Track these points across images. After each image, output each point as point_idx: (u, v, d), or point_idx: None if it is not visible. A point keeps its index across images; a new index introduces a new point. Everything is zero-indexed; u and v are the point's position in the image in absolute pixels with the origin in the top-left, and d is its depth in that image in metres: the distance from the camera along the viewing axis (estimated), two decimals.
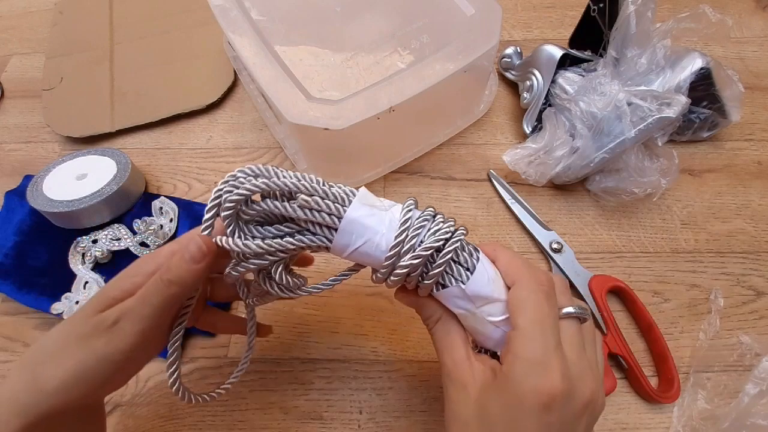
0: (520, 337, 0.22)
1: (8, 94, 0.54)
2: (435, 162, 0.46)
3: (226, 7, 0.41)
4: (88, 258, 0.40)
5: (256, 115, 0.50)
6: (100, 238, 0.41)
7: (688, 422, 0.33)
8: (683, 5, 0.52)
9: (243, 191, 0.22)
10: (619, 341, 0.35)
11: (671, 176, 0.38)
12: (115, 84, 0.52)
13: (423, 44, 0.47)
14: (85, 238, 0.41)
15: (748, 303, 0.38)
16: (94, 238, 0.41)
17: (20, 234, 0.42)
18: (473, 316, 0.24)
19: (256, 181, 0.23)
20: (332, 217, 0.23)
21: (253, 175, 0.23)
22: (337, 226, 0.23)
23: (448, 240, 0.24)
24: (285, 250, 0.24)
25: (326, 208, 0.23)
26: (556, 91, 0.42)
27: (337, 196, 0.24)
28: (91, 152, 0.45)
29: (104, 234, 0.41)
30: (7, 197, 0.44)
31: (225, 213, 0.22)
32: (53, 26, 0.59)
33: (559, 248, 0.40)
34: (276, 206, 0.23)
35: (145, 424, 0.35)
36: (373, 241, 0.23)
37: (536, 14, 0.56)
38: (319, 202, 0.23)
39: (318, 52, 0.47)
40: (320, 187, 0.23)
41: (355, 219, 0.23)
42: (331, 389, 0.36)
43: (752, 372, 0.33)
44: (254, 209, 0.23)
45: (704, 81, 0.40)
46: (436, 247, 0.23)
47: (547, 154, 0.40)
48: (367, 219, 0.23)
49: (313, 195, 0.23)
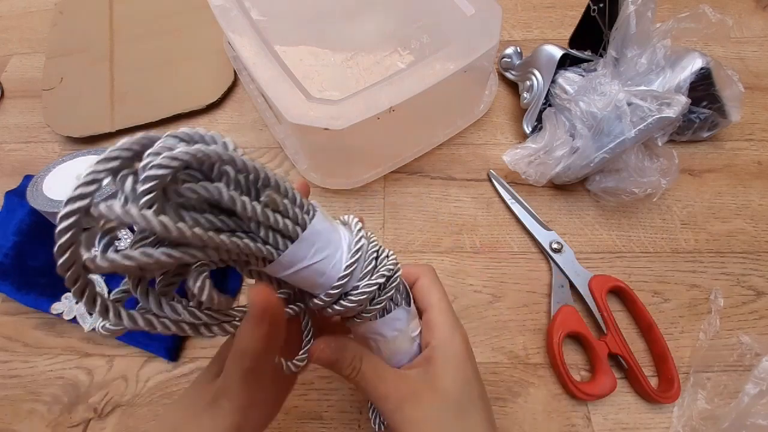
0: (440, 310, 0.26)
1: (8, 94, 0.54)
2: (435, 162, 0.46)
3: (226, 7, 0.41)
4: None
5: (256, 115, 0.50)
6: None
7: (688, 422, 0.33)
8: (683, 5, 0.52)
9: (178, 158, 0.15)
10: (619, 341, 0.35)
11: (671, 176, 0.38)
12: (115, 84, 0.52)
13: (423, 44, 0.47)
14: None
15: (748, 303, 0.38)
16: None
17: (20, 234, 0.42)
18: (401, 335, 0.25)
19: (202, 147, 0.16)
20: (296, 226, 0.19)
21: (187, 140, 0.17)
22: (297, 236, 0.20)
23: (396, 266, 0.24)
24: (225, 251, 0.18)
25: (293, 214, 0.19)
26: (556, 91, 0.42)
27: (303, 203, 0.20)
28: (91, 152, 0.45)
29: None
30: (7, 197, 0.44)
31: (148, 185, 0.15)
32: (53, 26, 0.59)
33: (559, 248, 0.40)
34: (230, 197, 0.17)
35: (145, 424, 0.35)
36: (332, 257, 0.21)
37: (536, 14, 0.56)
38: (287, 206, 0.19)
39: (318, 52, 0.47)
40: (286, 185, 0.19)
41: (321, 231, 0.20)
42: (331, 389, 0.36)
43: (752, 372, 0.33)
44: (194, 191, 0.17)
45: (704, 81, 0.40)
46: (390, 274, 0.23)
47: (547, 154, 0.40)
48: (332, 233, 0.21)
49: (282, 195, 0.19)
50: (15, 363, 0.38)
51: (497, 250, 0.41)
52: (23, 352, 0.39)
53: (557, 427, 0.34)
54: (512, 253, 0.41)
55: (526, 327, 0.38)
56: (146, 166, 0.15)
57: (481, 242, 0.41)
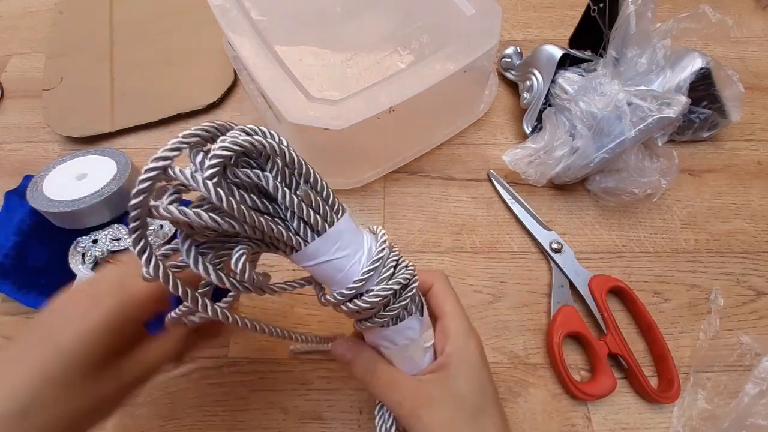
0: (454, 317, 0.26)
1: (8, 94, 0.54)
2: (435, 162, 0.46)
3: (226, 7, 0.41)
4: (88, 258, 0.40)
5: (256, 115, 0.50)
6: (100, 238, 0.41)
7: (688, 422, 0.33)
8: (683, 5, 0.52)
9: (240, 144, 0.19)
10: (619, 341, 0.35)
11: (671, 176, 0.38)
12: (115, 84, 0.52)
13: (423, 44, 0.47)
14: (85, 238, 0.41)
15: (748, 303, 0.38)
16: (94, 238, 0.41)
17: (20, 234, 0.42)
18: (413, 344, 0.25)
19: (261, 139, 0.20)
20: (324, 223, 0.22)
21: (251, 133, 0.20)
22: (325, 231, 0.22)
23: (414, 276, 0.24)
24: (261, 231, 0.21)
25: (323, 211, 0.22)
26: (556, 91, 0.42)
27: (335, 203, 0.23)
28: (91, 152, 0.45)
29: (104, 234, 0.41)
30: (7, 197, 0.44)
31: (214, 161, 0.18)
32: (53, 26, 0.59)
33: (559, 248, 0.40)
34: (274, 186, 0.20)
35: (145, 424, 0.35)
36: (351, 258, 0.23)
37: (536, 14, 0.56)
38: (319, 203, 0.22)
39: (318, 52, 0.47)
40: (324, 183, 0.22)
41: (345, 230, 0.22)
42: (331, 389, 0.36)
43: (752, 372, 0.33)
44: (247, 176, 0.20)
45: (704, 81, 0.40)
46: (407, 282, 0.24)
47: (547, 154, 0.40)
48: (354, 235, 0.23)
49: (317, 192, 0.22)
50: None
51: (497, 250, 0.41)
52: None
53: (557, 427, 0.34)
54: (512, 253, 0.41)
55: (526, 327, 0.38)
56: (214, 147, 0.19)
57: (481, 242, 0.41)
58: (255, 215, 0.20)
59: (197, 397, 0.36)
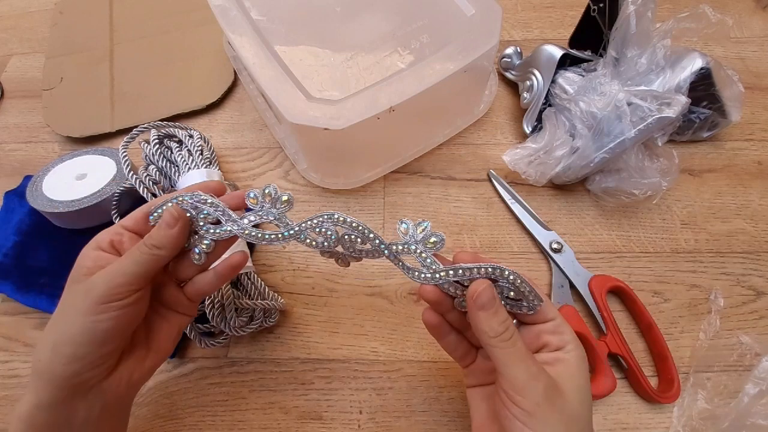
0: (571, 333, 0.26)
1: (8, 94, 0.54)
2: (435, 162, 0.46)
3: (226, 7, 0.41)
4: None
5: (256, 115, 0.50)
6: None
7: (688, 422, 0.33)
8: (683, 5, 0.52)
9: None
10: (619, 341, 0.35)
11: (671, 176, 0.38)
12: (115, 84, 0.52)
13: (423, 44, 0.47)
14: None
15: (748, 303, 0.38)
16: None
17: (20, 234, 0.42)
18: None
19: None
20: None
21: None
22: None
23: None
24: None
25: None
26: (556, 91, 0.42)
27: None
28: (91, 152, 0.45)
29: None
30: (7, 197, 0.44)
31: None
32: (53, 26, 0.59)
33: (559, 248, 0.40)
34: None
35: (145, 424, 0.35)
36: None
37: (536, 14, 0.56)
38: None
39: (318, 52, 0.47)
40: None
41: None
42: (331, 389, 0.36)
43: (752, 372, 0.33)
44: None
45: (704, 81, 0.40)
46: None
47: (547, 154, 0.40)
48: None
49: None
50: (15, 363, 0.38)
51: (497, 250, 0.41)
52: (23, 352, 0.39)
53: None
54: (512, 253, 0.41)
55: None
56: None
57: (481, 242, 0.41)
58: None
59: (197, 397, 0.36)
